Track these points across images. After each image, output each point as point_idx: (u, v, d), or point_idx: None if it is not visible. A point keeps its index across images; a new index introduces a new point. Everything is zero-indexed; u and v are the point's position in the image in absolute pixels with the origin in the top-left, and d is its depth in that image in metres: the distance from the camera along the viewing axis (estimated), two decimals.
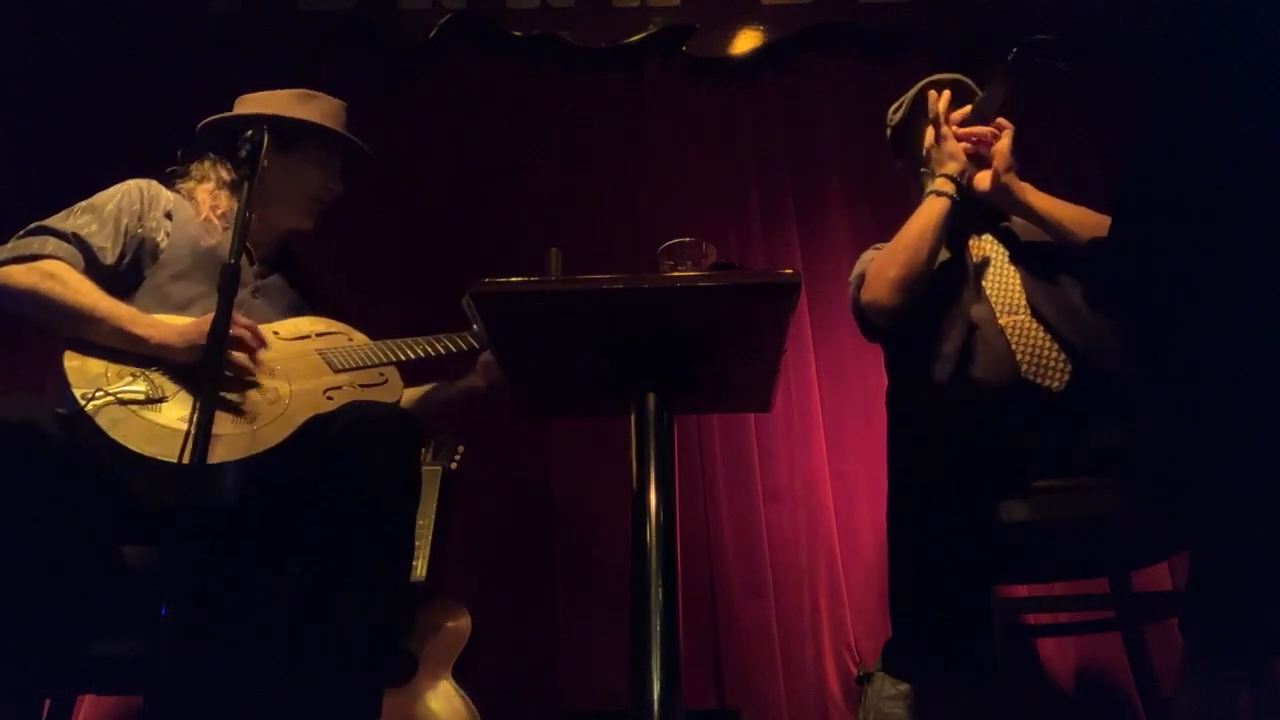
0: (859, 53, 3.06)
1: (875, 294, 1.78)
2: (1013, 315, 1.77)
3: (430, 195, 2.90)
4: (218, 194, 1.84)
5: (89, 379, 1.55)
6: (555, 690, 2.38)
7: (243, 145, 1.48)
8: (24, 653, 1.35)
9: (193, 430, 1.26)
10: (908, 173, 2.07)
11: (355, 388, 1.74)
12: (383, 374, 1.80)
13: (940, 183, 1.83)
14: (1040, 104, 2.82)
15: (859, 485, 2.57)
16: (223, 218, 1.82)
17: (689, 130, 2.97)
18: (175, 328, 1.63)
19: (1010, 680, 1.88)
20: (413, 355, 1.85)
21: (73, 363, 1.57)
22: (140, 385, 1.56)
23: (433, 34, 3.02)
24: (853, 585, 2.47)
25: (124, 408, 1.52)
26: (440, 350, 1.88)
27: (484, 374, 1.92)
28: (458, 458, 2.46)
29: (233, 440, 1.54)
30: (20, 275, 1.62)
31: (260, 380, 1.66)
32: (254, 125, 1.52)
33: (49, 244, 1.65)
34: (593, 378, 1.59)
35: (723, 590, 2.47)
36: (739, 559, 2.50)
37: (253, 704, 1.52)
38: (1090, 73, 2.82)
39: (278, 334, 1.77)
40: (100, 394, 1.51)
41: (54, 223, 1.69)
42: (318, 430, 1.56)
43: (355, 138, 1.93)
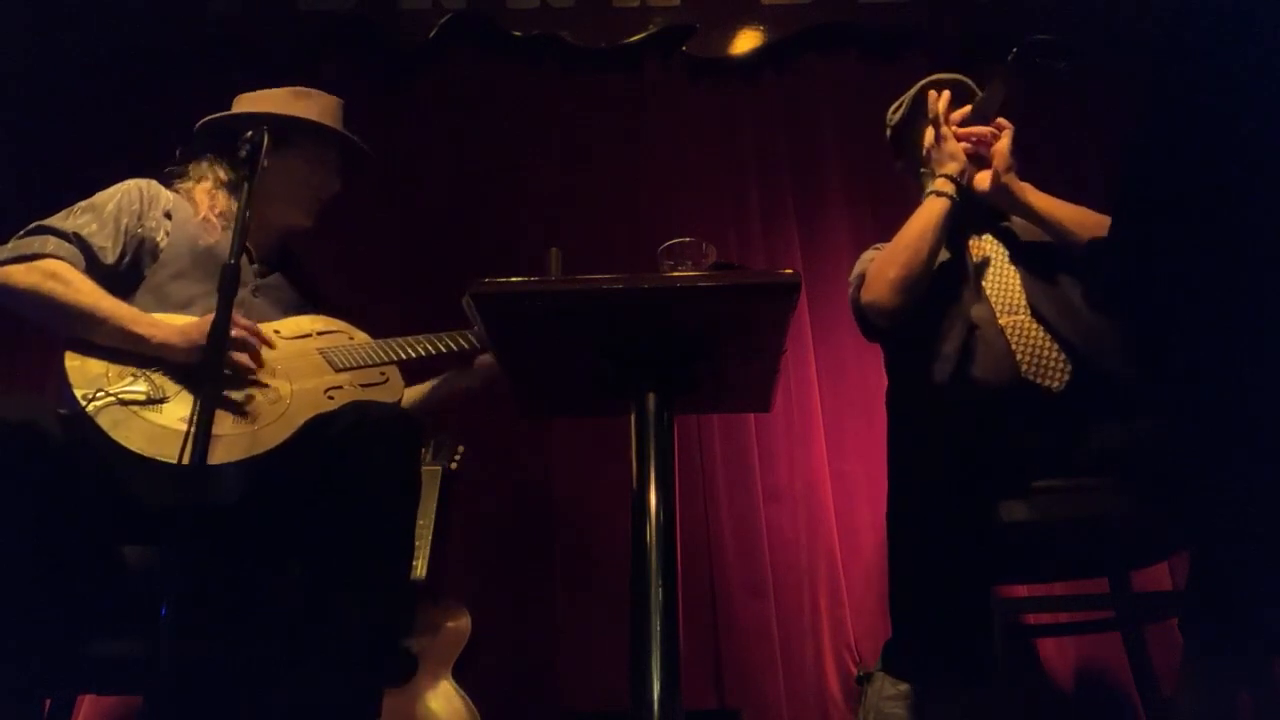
0: (859, 53, 3.06)
1: (875, 294, 1.78)
2: (1013, 315, 1.77)
3: (430, 195, 2.90)
4: (215, 193, 1.84)
5: (90, 379, 1.55)
6: (555, 690, 2.38)
7: (243, 145, 1.48)
8: (24, 653, 1.35)
9: (193, 431, 1.26)
10: (908, 173, 2.07)
11: (356, 387, 1.74)
12: (384, 373, 1.80)
13: (940, 183, 1.83)
14: (1040, 104, 2.82)
15: (859, 485, 2.57)
16: (221, 216, 1.82)
17: (689, 130, 2.98)
18: (176, 327, 1.63)
19: (1010, 680, 1.88)
20: (414, 354, 1.85)
21: (73, 363, 1.57)
22: (141, 386, 1.56)
23: (433, 34, 3.02)
24: (853, 585, 2.47)
25: (125, 408, 1.51)
26: (442, 349, 1.89)
27: (484, 371, 1.93)
28: (458, 458, 2.46)
29: (233, 441, 1.54)
30: (21, 275, 1.62)
31: (261, 380, 1.66)
32: (249, 124, 1.52)
33: (50, 244, 1.65)
34: (593, 378, 1.59)
35: (723, 590, 2.47)
36: (739, 559, 2.50)
37: (253, 704, 1.52)
38: (1090, 73, 2.82)
39: (279, 333, 1.77)
40: (101, 394, 1.51)
41: (54, 222, 1.69)
42: (318, 430, 1.56)
43: (351, 134, 1.92)
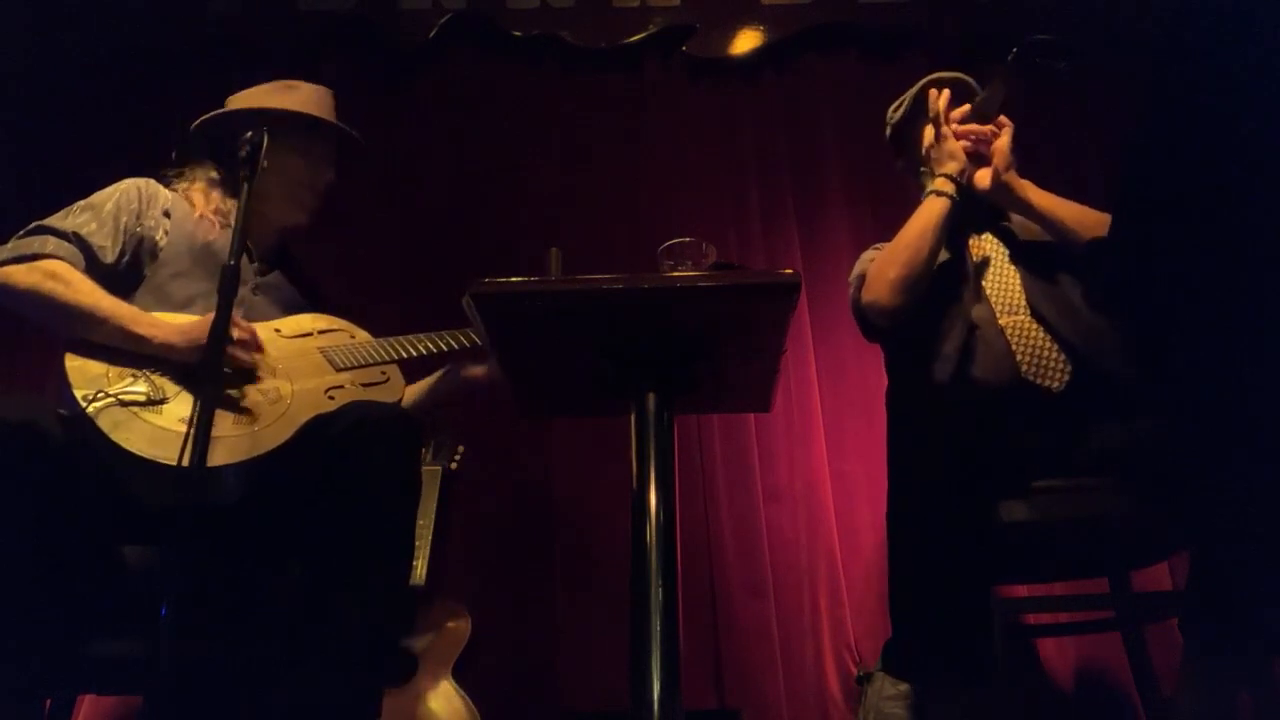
0: (859, 53, 3.06)
1: (876, 294, 1.78)
2: (1013, 315, 1.77)
3: (430, 195, 2.90)
4: (210, 193, 1.84)
5: (90, 380, 1.54)
6: (555, 690, 2.38)
7: (243, 145, 1.48)
8: (24, 653, 1.35)
9: (193, 433, 1.26)
10: (908, 172, 2.07)
11: (357, 386, 1.74)
12: (384, 372, 1.80)
13: (940, 182, 1.83)
14: (1040, 104, 2.82)
15: (859, 485, 2.57)
16: (217, 214, 1.81)
17: (689, 130, 2.97)
18: (177, 327, 1.62)
19: (1010, 680, 1.88)
20: (415, 353, 1.85)
21: (74, 363, 1.56)
22: (141, 386, 1.56)
23: (433, 34, 3.02)
24: (853, 585, 2.47)
25: (125, 409, 1.51)
26: (443, 347, 1.88)
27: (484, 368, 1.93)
28: (458, 458, 2.46)
29: (234, 442, 1.54)
30: (21, 275, 1.62)
31: (262, 380, 1.66)
32: (241, 123, 1.51)
33: (49, 243, 1.65)
34: (593, 378, 1.59)
35: (723, 590, 2.47)
36: (739, 559, 2.50)
37: (253, 704, 1.52)
38: (1090, 73, 2.82)
39: (279, 332, 1.77)
40: (101, 395, 1.51)
41: (53, 222, 1.69)
42: (319, 430, 1.56)
43: (341, 123, 1.89)
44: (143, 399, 1.54)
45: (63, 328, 1.61)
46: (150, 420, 1.52)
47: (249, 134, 1.48)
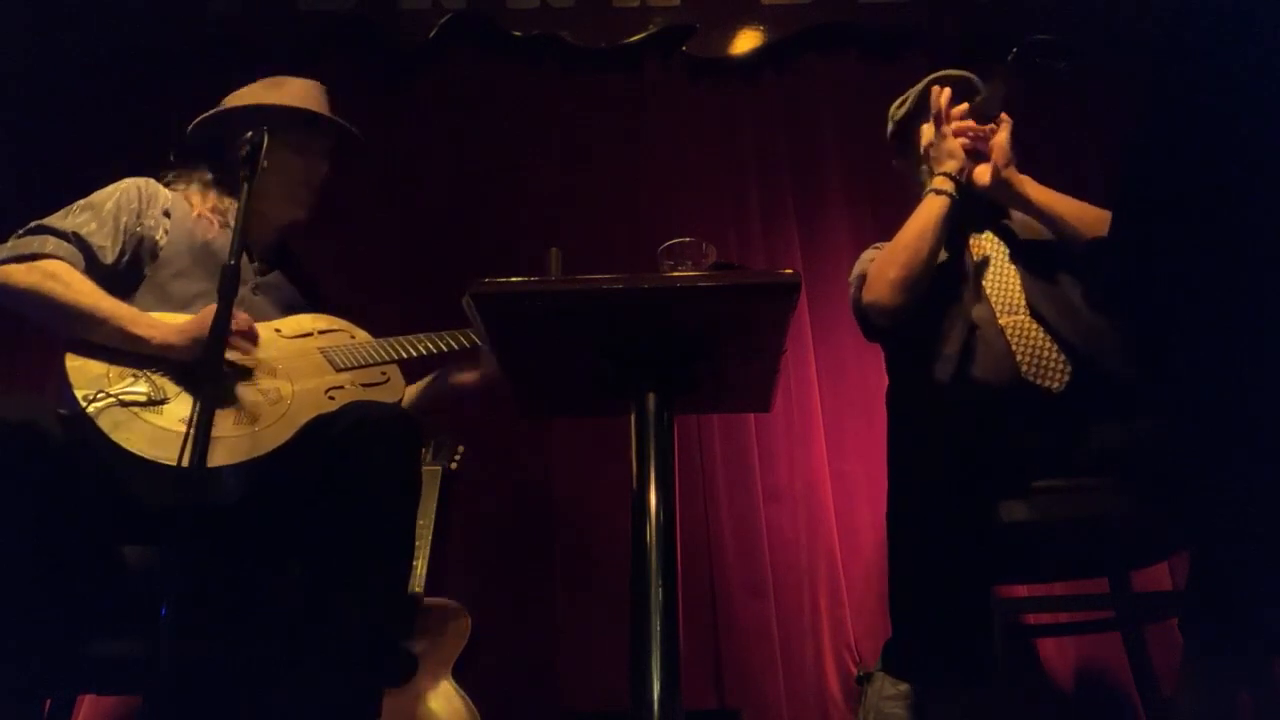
0: (859, 53, 3.06)
1: (876, 294, 1.78)
2: (1012, 315, 1.77)
3: (430, 195, 2.90)
4: (206, 192, 1.84)
5: (90, 380, 1.54)
6: (555, 690, 2.38)
7: (243, 145, 1.48)
8: (24, 653, 1.35)
9: (193, 433, 1.26)
10: (907, 171, 2.07)
11: (357, 387, 1.74)
12: (384, 372, 1.80)
13: (939, 181, 1.83)
14: (1040, 104, 2.82)
15: (859, 485, 2.57)
16: (215, 213, 1.81)
17: (689, 130, 2.98)
18: (175, 326, 1.63)
19: (1010, 680, 1.88)
20: (415, 353, 1.85)
21: (74, 363, 1.57)
22: (142, 386, 1.56)
23: (433, 34, 3.02)
24: (853, 585, 2.47)
25: (126, 410, 1.51)
26: (443, 347, 1.88)
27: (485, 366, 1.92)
28: (458, 458, 2.46)
29: (234, 443, 1.54)
30: (21, 275, 1.62)
31: (262, 380, 1.66)
32: (235, 121, 1.50)
33: (49, 243, 1.65)
34: (593, 378, 1.59)
35: (723, 590, 2.47)
36: (739, 559, 2.50)
37: (253, 704, 1.52)
38: (1090, 73, 2.82)
39: (279, 331, 1.77)
40: (102, 395, 1.51)
41: (53, 222, 1.69)
42: (319, 431, 1.56)
43: (333, 116, 1.88)
44: (143, 399, 1.54)
45: (62, 328, 1.61)
46: (151, 420, 1.52)
47: (249, 134, 1.48)
